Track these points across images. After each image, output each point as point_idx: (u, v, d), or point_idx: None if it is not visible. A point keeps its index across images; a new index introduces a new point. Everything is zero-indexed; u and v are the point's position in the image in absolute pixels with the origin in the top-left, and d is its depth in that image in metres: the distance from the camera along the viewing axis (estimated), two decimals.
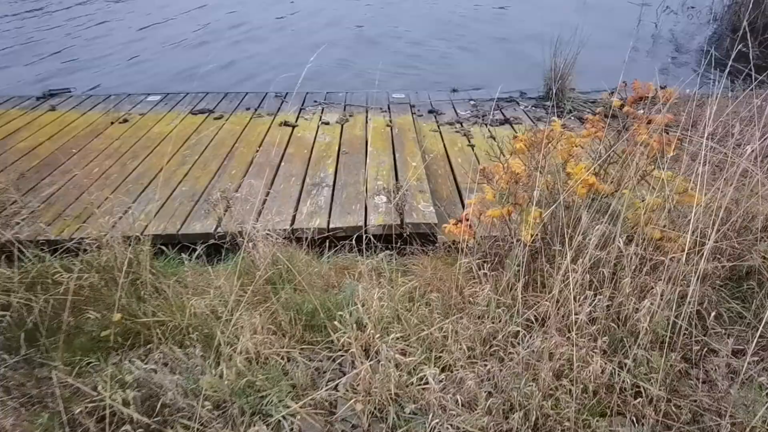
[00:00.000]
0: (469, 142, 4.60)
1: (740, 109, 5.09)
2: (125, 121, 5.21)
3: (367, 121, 5.07)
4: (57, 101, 5.88)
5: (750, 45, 3.17)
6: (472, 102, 5.61)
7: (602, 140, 2.65)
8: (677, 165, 2.73)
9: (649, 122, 2.54)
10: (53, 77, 7.19)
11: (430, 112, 5.36)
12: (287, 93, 5.97)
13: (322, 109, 5.43)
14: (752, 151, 4.05)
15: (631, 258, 2.13)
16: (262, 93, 5.99)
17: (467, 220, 2.82)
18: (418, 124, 5.05)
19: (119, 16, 10.34)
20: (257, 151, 4.41)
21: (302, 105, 5.56)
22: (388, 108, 5.45)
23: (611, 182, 2.72)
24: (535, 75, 6.16)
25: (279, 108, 5.50)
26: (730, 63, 2.63)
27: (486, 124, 4.98)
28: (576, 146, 2.52)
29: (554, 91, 5.33)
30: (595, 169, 2.69)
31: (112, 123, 5.16)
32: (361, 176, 3.87)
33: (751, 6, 7.95)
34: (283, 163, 4.13)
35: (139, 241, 2.70)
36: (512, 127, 4.96)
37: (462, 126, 4.97)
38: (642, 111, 2.71)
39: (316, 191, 3.65)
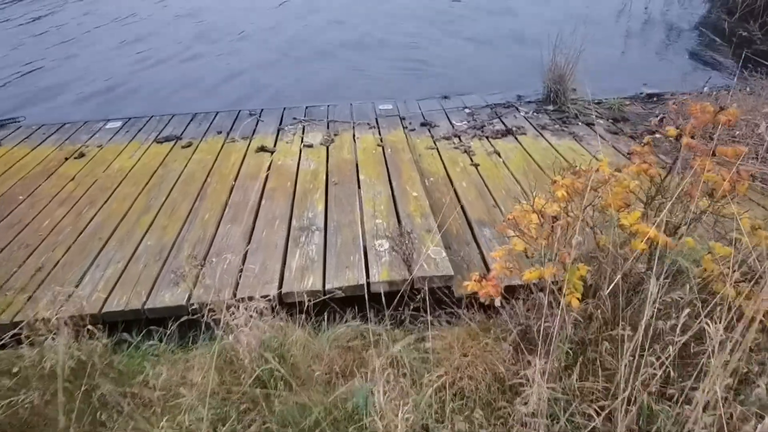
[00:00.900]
0: (472, 160, 4.10)
1: (759, 102, 4.68)
2: (81, 155, 4.61)
3: (354, 140, 4.54)
4: (3, 134, 5.24)
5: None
6: (467, 110, 5.11)
7: (654, 179, 2.17)
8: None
9: (713, 154, 2.06)
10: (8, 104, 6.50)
11: (422, 124, 4.85)
12: (262, 110, 5.42)
13: (303, 128, 4.89)
14: None
15: (727, 345, 1.66)
16: (234, 111, 5.41)
17: (492, 277, 2.33)
18: (411, 140, 4.54)
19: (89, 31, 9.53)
20: (232, 186, 3.86)
21: (280, 124, 5.01)
22: (376, 122, 4.93)
23: (662, 223, 2.26)
24: (530, 74, 5.69)
25: (254, 129, 4.94)
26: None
27: (487, 137, 4.48)
28: (630, 191, 2.04)
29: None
30: (653, 217, 2.22)
31: (66, 159, 4.56)
32: (356, 213, 3.36)
33: None
34: (263, 202, 3.59)
35: (93, 336, 2.16)
36: (516, 138, 4.48)
37: (460, 140, 4.48)
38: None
39: (305, 238, 3.13)
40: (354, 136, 4.64)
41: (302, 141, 4.57)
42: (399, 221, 3.23)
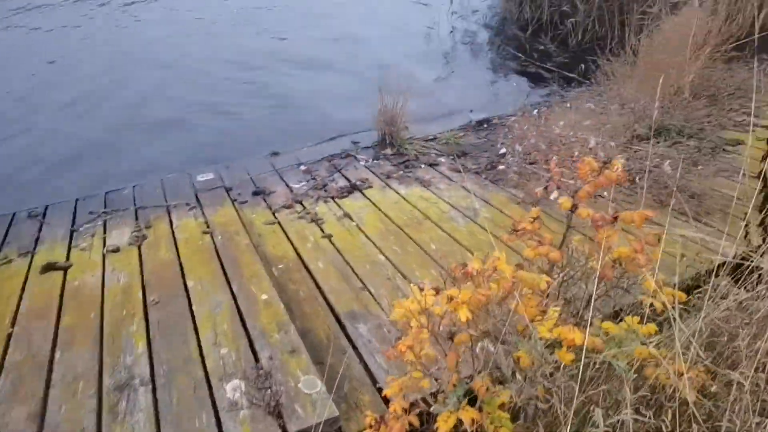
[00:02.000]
0: (323, 231, 3.54)
1: (579, 116, 4.82)
2: None
3: (173, 230, 3.70)
4: None
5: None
6: (303, 167, 4.53)
7: (553, 259, 1.80)
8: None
9: (615, 220, 1.75)
10: None
11: (255, 193, 4.15)
12: (47, 207, 4.27)
13: (105, 224, 3.89)
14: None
15: None
16: (6, 216, 4.17)
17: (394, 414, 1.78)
18: (246, 217, 3.83)
19: None
20: (10, 335, 2.80)
21: (73, 224, 3.94)
22: (197, 199, 4.12)
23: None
24: (356, 113, 5.33)
25: (37, 237, 3.81)
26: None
27: (332, 197, 3.96)
28: (545, 294, 1.63)
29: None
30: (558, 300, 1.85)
31: None
32: (192, 345, 2.57)
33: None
34: (57, 354, 2.62)
35: None
36: (362, 193, 4.01)
37: (304, 207, 3.88)
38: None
39: (125, 404, 2.26)
40: (171, 223, 3.79)
41: (105, 244, 3.60)
42: (252, 345, 2.51)
